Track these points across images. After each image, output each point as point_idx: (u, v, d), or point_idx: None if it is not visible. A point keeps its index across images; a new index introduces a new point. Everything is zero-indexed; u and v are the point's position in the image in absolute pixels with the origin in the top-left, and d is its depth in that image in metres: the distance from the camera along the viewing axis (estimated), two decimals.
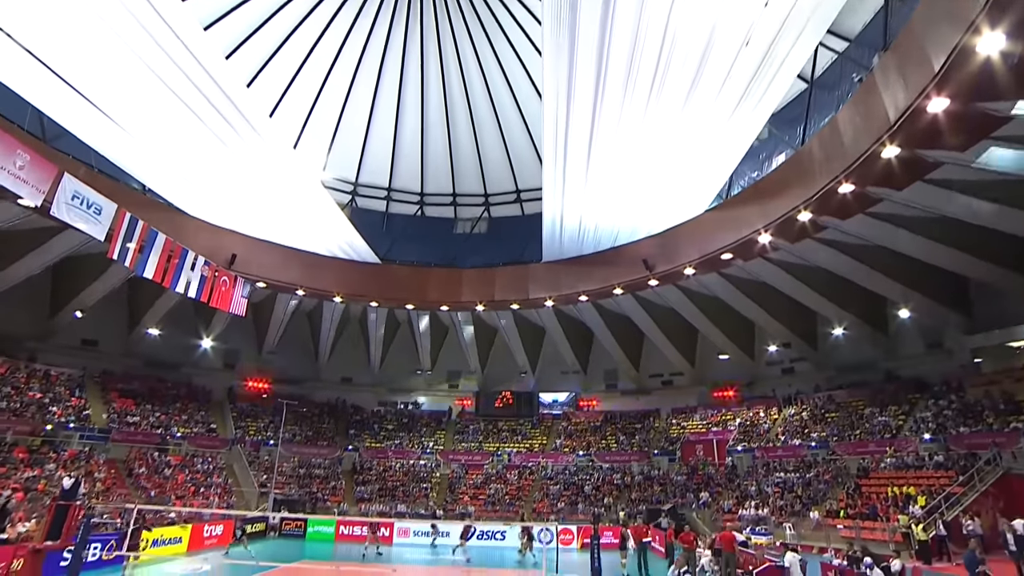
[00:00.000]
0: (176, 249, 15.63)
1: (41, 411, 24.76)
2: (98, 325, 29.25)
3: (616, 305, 29.60)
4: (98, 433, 25.65)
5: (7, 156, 11.02)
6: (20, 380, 25.58)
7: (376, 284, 28.37)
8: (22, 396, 24.79)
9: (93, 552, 14.48)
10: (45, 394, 25.72)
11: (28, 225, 21.00)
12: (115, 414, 27.53)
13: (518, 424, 36.73)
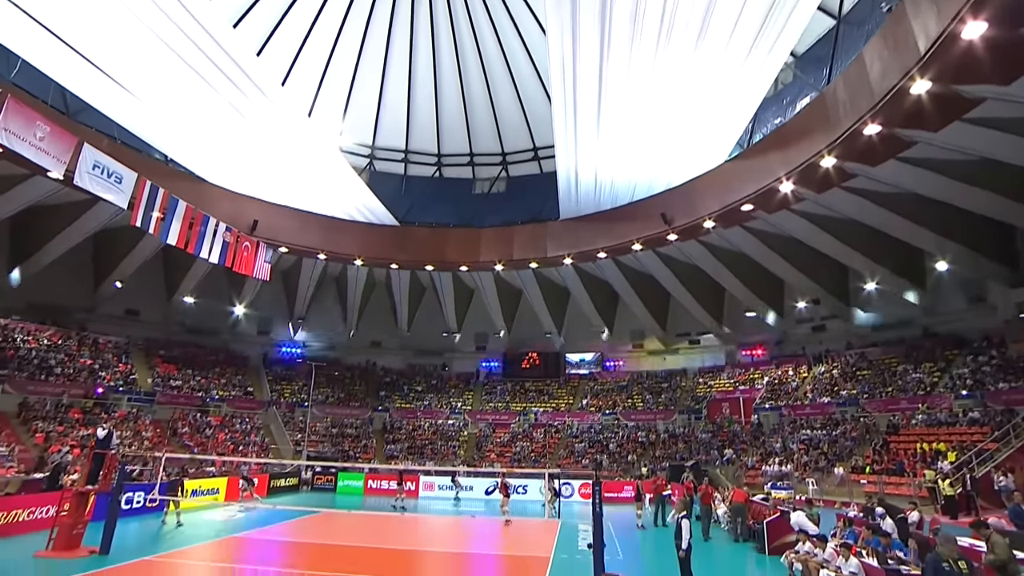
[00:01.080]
0: (198, 216, 16.08)
1: (92, 376, 26.40)
2: (139, 295, 30.75)
3: (638, 263, 29.13)
4: (144, 396, 27.27)
5: (27, 128, 11.41)
6: (72, 348, 27.26)
7: (395, 246, 28.68)
8: (74, 362, 26.45)
9: (138, 500, 15.68)
10: (95, 360, 27.40)
11: (63, 199, 22.02)
12: (159, 378, 29.18)
13: (545, 384, 37.19)
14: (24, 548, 10.98)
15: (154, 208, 14.62)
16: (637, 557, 13.32)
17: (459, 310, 36.57)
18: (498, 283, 33.41)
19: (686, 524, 9.83)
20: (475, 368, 38.79)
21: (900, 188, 19.08)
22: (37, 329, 26.34)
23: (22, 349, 24.76)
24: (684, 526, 9.79)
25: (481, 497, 23.91)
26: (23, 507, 12.77)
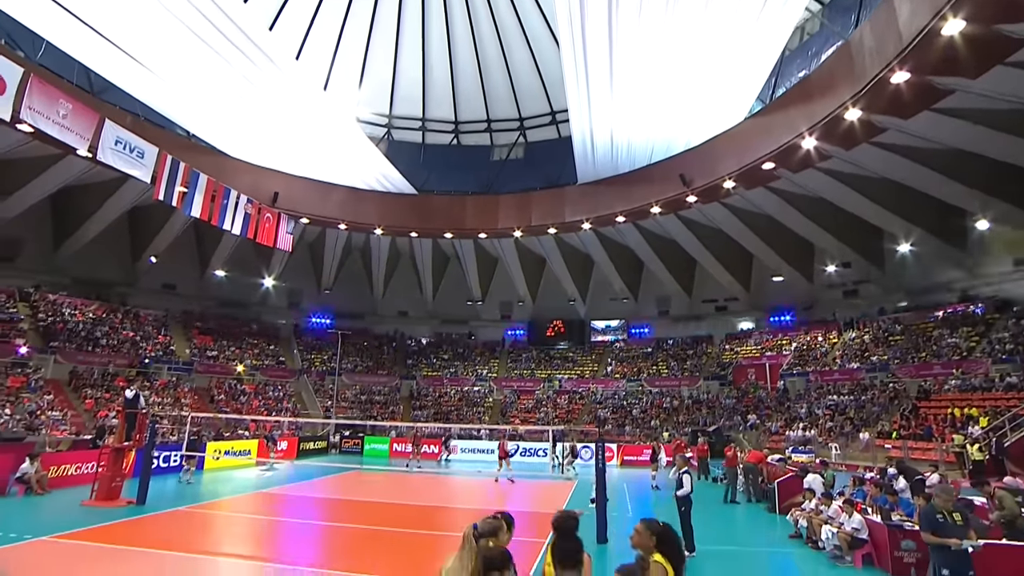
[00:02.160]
0: (219, 189, 16.61)
1: (134, 347, 27.99)
2: (175, 270, 32.19)
3: (661, 228, 28.73)
4: (183, 365, 28.78)
5: (50, 106, 11.95)
6: (115, 321, 28.87)
7: (414, 214, 29.03)
8: (118, 334, 28.05)
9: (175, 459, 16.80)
10: (136, 332, 28.98)
11: (95, 178, 23.06)
12: (196, 349, 30.68)
13: (569, 352, 37.49)
14: (73, 498, 12.06)
15: (176, 182, 15.22)
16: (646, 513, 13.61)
17: (483, 279, 36.92)
18: (520, 252, 33.52)
19: (687, 479, 10.01)
20: (500, 336, 39.32)
21: (937, 142, 18.18)
22: (83, 303, 27.95)
23: (70, 322, 26.37)
24: (685, 480, 9.97)
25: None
26: (71, 463, 13.99)
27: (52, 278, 27.47)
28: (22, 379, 21.38)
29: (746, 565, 9.23)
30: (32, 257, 26.83)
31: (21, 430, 16.73)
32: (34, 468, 12.63)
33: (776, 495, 13.34)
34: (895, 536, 9.08)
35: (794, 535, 11.12)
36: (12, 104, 10.68)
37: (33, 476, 12.53)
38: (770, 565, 9.26)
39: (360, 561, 8.73)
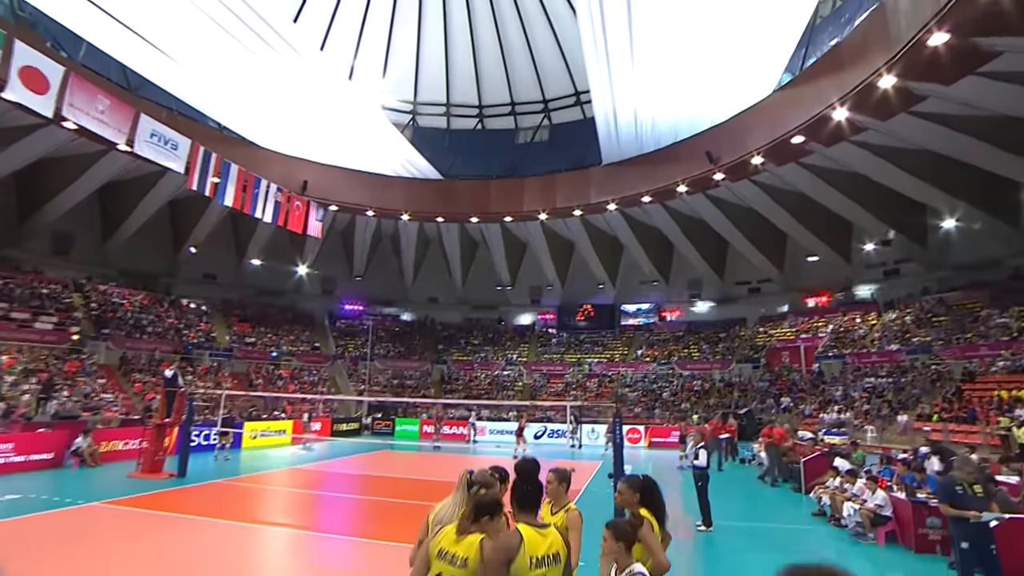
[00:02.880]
0: (250, 178, 17.29)
1: (178, 334, 29.39)
2: (213, 260, 33.51)
3: (690, 209, 28.25)
4: (223, 351, 30.07)
5: (89, 102, 12.70)
6: (160, 310, 30.35)
7: (440, 200, 29.34)
8: (163, 322, 29.49)
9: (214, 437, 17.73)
10: (179, 320, 30.41)
11: (135, 173, 24.21)
12: (235, 336, 31.99)
13: (599, 336, 37.45)
14: (121, 471, 12.98)
15: (208, 172, 15.92)
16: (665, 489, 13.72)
17: (511, 265, 37.12)
18: (548, 236, 33.53)
19: (703, 453, 10.03)
20: (531, 321, 39.55)
21: (982, 109, 17.28)
22: (130, 293, 29.46)
23: (119, 311, 27.87)
24: (701, 455, 10.00)
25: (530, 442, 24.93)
26: (120, 439, 15.02)
27: (102, 270, 29.04)
28: (78, 364, 22.78)
29: (763, 540, 9.25)
30: (84, 250, 28.40)
31: (77, 410, 17.92)
32: (87, 443, 13.63)
33: (802, 474, 13.20)
34: (920, 513, 8.95)
35: (817, 513, 11.04)
36: (55, 102, 11.44)
37: (86, 450, 13.53)
38: (788, 541, 9.24)
39: (387, 529, 9.17)
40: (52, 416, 15.90)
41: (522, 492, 2.91)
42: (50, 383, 19.07)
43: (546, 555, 2.72)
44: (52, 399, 17.34)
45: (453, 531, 2.76)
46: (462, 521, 2.77)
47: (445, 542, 2.71)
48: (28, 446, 12.97)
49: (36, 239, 26.15)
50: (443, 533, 2.77)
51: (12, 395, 17.75)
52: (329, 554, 7.92)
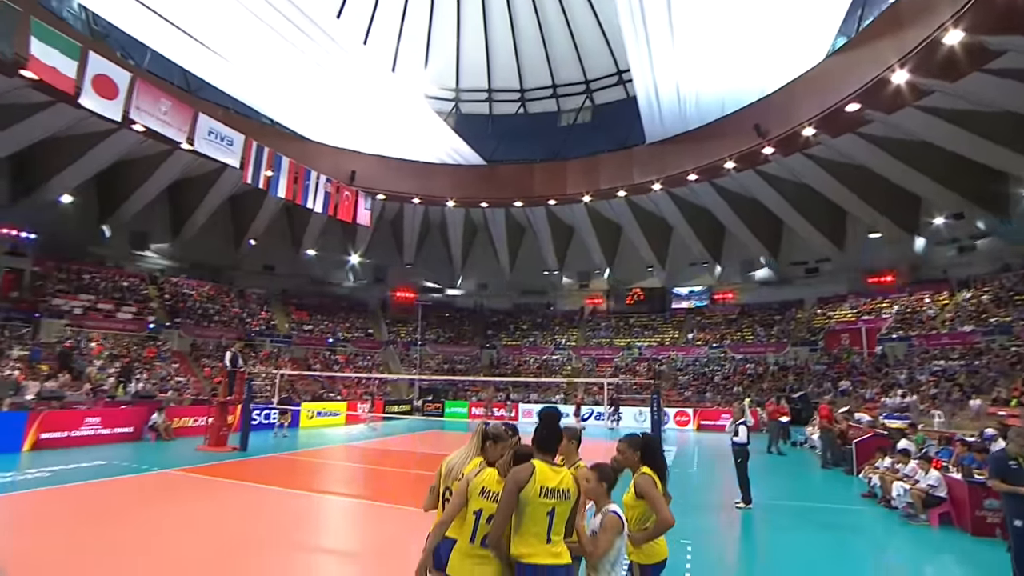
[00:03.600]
0: (301, 170, 18.22)
1: (241, 322, 31.31)
2: (271, 252, 35.32)
3: (740, 186, 27.33)
4: (283, 338, 31.81)
5: (153, 104, 13.75)
6: (225, 299, 32.40)
7: (484, 185, 29.68)
8: (228, 311, 31.49)
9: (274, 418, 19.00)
10: (243, 309, 32.36)
11: (199, 170, 25.86)
12: (294, 323, 33.74)
13: (649, 320, 37.02)
14: (191, 444, 14.24)
15: (262, 166, 16.89)
16: (707, 468, 13.71)
17: (559, 249, 37.13)
18: (594, 219, 33.32)
19: (743, 429, 9.93)
20: (579, 305, 39.54)
21: None
22: (198, 285, 31.60)
23: (189, 301, 29.98)
24: (741, 431, 9.90)
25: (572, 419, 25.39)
26: (190, 415, 16.50)
27: (173, 263, 31.29)
28: (154, 350, 24.77)
29: (803, 519, 9.10)
30: (157, 246, 30.68)
31: (154, 390, 19.57)
32: (161, 418, 15.00)
33: (854, 456, 12.79)
34: (976, 494, 8.56)
35: (867, 494, 10.72)
36: (123, 105, 12.47)
37: (161, 425, 14.90)
38: (829, 519, 9.06)
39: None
40: (133, 395, 17.46)
41: (541, 436, 3.19)
42: (130, 367, 20.85)
43: (556, 488, 2.98)
44: (131, 381, 18.99)
45: (495, 474, 3.10)
46: (503, 466, 3.08)
47: (488, 482, 3.04)
48: (112, 420, 14.45)
49: (116, 237, 28.46)
50: (486, 474, 3.12)
51: (100, 377, 19.59)
52: (376, 519, 8.47)
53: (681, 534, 7.65)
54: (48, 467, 10.66)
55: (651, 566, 3.47)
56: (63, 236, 25.31)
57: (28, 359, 18.42)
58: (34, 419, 12.75)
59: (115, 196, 26.76)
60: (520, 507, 2.91)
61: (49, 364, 18.44)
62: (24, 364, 17.66)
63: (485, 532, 2.92)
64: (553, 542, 2.94)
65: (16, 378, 16.03)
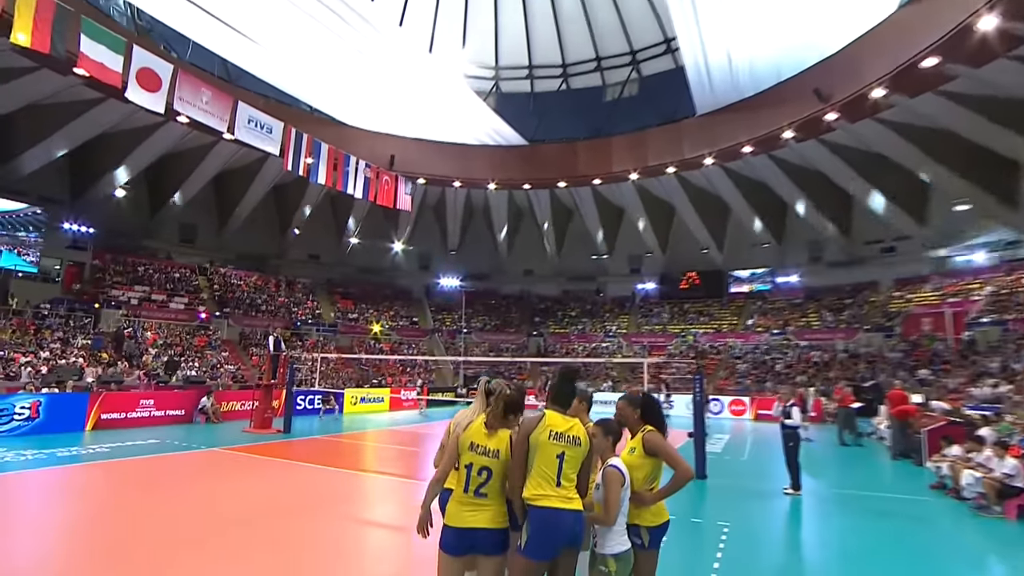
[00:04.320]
0: (340, 156, 18.98)
1: (288, 312, 32.89)
2: (316, 241, 36.80)
3: (801, 158, 26.20)
4: (328, 327, 33.19)
5: (195, 94, 14.71)
6: (271, 289, 34.09)
7: (526, 166, 29.83)
8: (274, 301, 33.15)
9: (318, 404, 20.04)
10: (289, 299, 33.97)
11: (242, 161, 27.29)
12: (339, 312, 35.13)
13: (706, 305, 36.35)
14: (238, 427, 15.31)
15: (301, 152, 17.71)
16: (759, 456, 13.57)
17: (608, 232, 36.88)
18: (644, 199, 32.87)
19: (795, 411, 9.73)
20: (630, 291, 39.20)
21: None
22: (246, 275, 33.40)
23: (237, 291, 31.75)
24: (793, 413, 9.71)
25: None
26: (237, 400, 17.82)
27: (221, 254, 33.17)
28: (205, 339, 26.46)
29: (855, 507, 8.87)
30: (205, 238, 32.60)
31: (204, 376, 21.01)
32: (210, 402, 16.19)
33: (924, 445, 12.28)
34: None
35: (936, 485, 10.31)
36: (166, 97, 13.39)
37: (210, 408, 16.06)
38: (888, 510, 8.79)
39: None
40: (184, 380, 18.86)
41: (556, 390, 3.40)
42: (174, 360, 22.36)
43: (566, 433, 3.16)
44: (180, 368, 20.48)
45: (482, 426, 3.28)
46: (490, 418, 3.28)
47: (476, 436, 3.24)
48: (165, 403, 15.73)
49: (166, 229, 30.46)
50: (472, 428, 3.31)
51: (154, 364, 21.22)
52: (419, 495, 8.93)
53: (719, 517, 7.71)
54: (107, 444, 11.78)
55: (656, 528, 3.51)
56: (118, 230, 27.42)
57: (91, 347, 20.19)
58: (95, 400, 14.09)
59: (164, 189, 28.64)
60: (531, 452, 3.11)
61: (108, 352, 20.13)
62: (86, 352, 19.38)
63: (477, 483, 3.13)
64: (564, 487, 3.10)
65: (80, 365, 17.64)
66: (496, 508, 3.13)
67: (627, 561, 3.15)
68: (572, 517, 3.08)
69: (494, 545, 3.09)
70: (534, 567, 3.03)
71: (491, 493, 3.14)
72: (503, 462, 3.15)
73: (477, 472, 3.15)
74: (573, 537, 3.10)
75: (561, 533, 3.04)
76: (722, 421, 22.61)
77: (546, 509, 3.03)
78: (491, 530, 3.07)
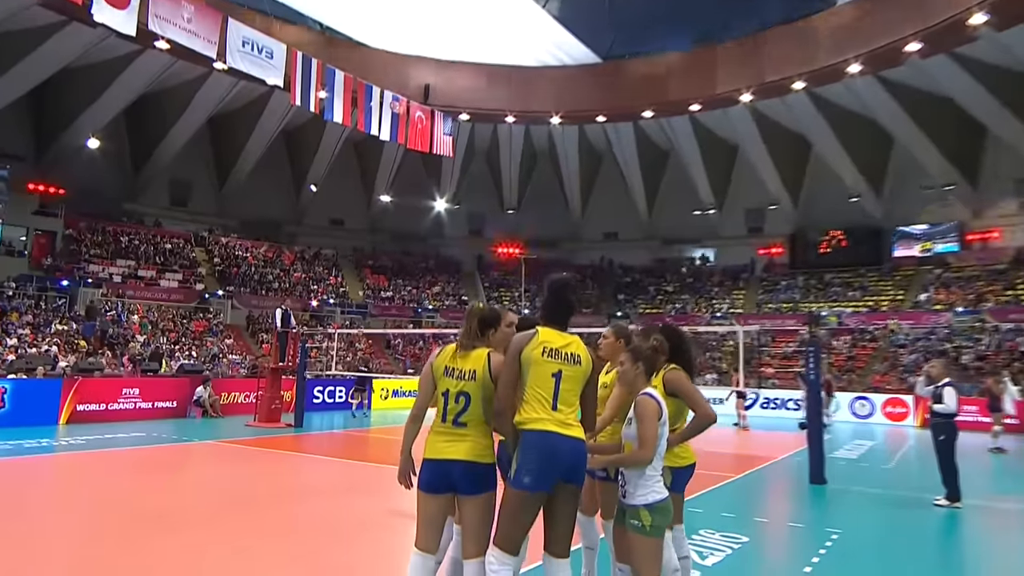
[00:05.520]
0: (360, 87, 19.68)
1: (306, 289, 34.51)
2: (339, 202, 38.45)
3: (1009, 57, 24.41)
4: (357, 308, 34.58)
5: (174, 11, 15.67)
6: (285, 262, 35.85)
7: (600, 91, 29.79)
8: (288, 277, 34.86)
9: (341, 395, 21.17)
10: (307, 274, 35.61)
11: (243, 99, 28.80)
12: (369, 290, 36.51)
13: (856, 275, 35.17)
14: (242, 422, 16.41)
15: (311, 83, 18.50)
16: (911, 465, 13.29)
17: (716, 180, 36.29)
18: (765, 131, 32.13)
19: (950, 393, 9.31)
20: (748, 258, 38.39)
21: None
22: (253, 245, 35.30)
23: (243, 265, 33.63)
24: (946, 396, 9.30)
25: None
26: (240, 390, 19.14)
27: (222, 220, 35.27)
28: (204, 323, 28.29)
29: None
30: (202, 200, 34.75)
31: (201, 364, 22.53)
32: (207, 392, 17.46)
33: None
34: None
35: None
36: (137, 16, 14.36)
37: (207, 399, 17.33)
38: None
39: None
40: (177, 369, 20.33)
41: (549, 307, 3.64)
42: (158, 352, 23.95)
43: (563, 350, 3.39)
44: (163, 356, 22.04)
45: (454, 348, 3.58)
46: (464, 339, 3.56)
47: (449, 359, 3.54)
48: (153, 392, 17.00)
49: (153, 189, 32.66)
50: (445, 352, 3.62)
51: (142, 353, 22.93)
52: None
53: (829, 523, 7.68)
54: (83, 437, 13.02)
55: (682, 469, 3.95)
56: (95, 191, 29.53)
57: (82, 333, 22.01)
58: (69, 387, 15.38)
59: (147, 140, 30.71)
60: (523, 371, 3.34)
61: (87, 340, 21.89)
62: (61, 339, 21.19)
63: (455, 411, 3.41)
64: (561, 411, 3.31)
65: (54, 354, 19.35)
66: (476, 439, 3.37)
67: (665, 512, 3.29)
68: (571, 444, 3.26)
69: (475, 482, 3.33)
70: (525, 500, 3.23)
71: (471, 422, 3.39)
72: (482, 384, 3.39)
73: (454, 399, 3.42)
74: (572, 469, 3.28)
75: (557, 460, 3.23)
76: (871, 426, 21.96)
77: (539, 432, 3.24)
78: (471, 463, 3.32)
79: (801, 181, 35.39)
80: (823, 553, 6.24)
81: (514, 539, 3.23)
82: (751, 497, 9.69)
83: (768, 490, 10.62)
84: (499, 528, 3.26)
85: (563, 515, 3.34)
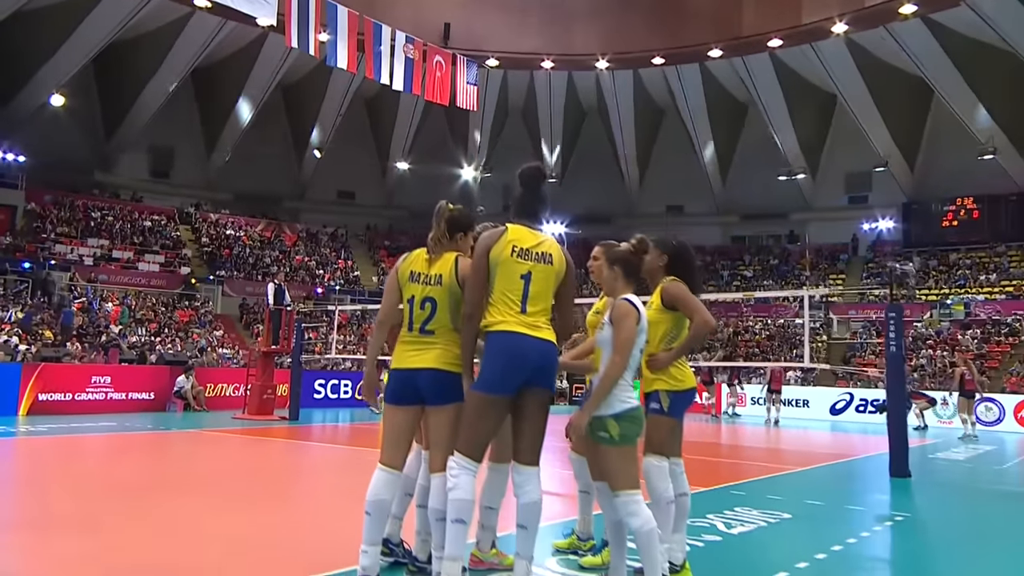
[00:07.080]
0: (367, 26, 20.05)
1: (310, 274, 35.29)
2: (349, 172, 39.25)
3: None
4: (369, 296, 35.14)
5: None
6: (285, 242, 36.66)
7: (655, 26, 29.77)
8: (290, 260, 35.65)
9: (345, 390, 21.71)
10: (311, 256, 36.36)
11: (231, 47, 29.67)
12: (384, 275, 37.04)
13: (992, 255, 34.69)
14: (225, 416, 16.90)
15: (309, 21, 18.93)
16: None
17: (803, 134, 35.86)
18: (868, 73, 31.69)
19: None
20: (849, 235, 38.01)
21: None
22: (248, 223, 36.22)
23: (236, 246, 34.50)
24: None
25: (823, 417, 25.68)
26: (227, 381, 19.94)
27: (210, 193, 36.24)
28: (190, 312, 29.13)
29: None
30: (187, 169, 35.78)
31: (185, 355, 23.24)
32: (190, 383, 18.05)
33: None
34: None
35: None
36: None
37: (190, 391, 17.93)
38: None
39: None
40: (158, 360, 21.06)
41: (519, 200, 3.96)
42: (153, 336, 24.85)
43: (533, 250, 3.67)
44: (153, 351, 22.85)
45: (423, 254, 3.92)
46: (432, 243, 3.89)
47: (416, 265, 3.90)
48: (127, 382, 17.74)
49: (130, 157, 33.81)
50: (412, 256, 3.97)
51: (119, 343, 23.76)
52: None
53: (897, 507, 7.97)
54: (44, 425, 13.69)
55: (679, 393, 4.23)
56: (62, 157, 30.67)
57: (62, 323, 22.90)
58: (29, 374, 16.09)
59: (121, 96, 31.66)
60: (491, 272, 3.63)
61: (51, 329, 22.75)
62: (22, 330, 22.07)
63: (422, 319, 3.74)
64: (530, 314, 3.59)
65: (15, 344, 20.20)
66: (444, 347, 3.70)
67: (635, 421, 3.55)
68: (538, 345, 3.54)
69: (442, 391, 3.66)
70: (487, 404, 3.53)
71: (438, 329, 3.73)
72: (448, 289, 3.72)
73: (419, 305, 3.76)
74: (539, 371, 3.57)
75: (523, 361, 3.51)
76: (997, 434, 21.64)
77: (503, 332, 3.54)
78: (437, 371, 3.65)
79: (919, 136, 35.03)
80: (877, 530, 6.50)
81: (475, 444, 3.52)
82: (810, 486, 9.80)
83: (834, 480, 10.75)
84: (461, 433, 3.55)
85: (531, 424, 3.61)
